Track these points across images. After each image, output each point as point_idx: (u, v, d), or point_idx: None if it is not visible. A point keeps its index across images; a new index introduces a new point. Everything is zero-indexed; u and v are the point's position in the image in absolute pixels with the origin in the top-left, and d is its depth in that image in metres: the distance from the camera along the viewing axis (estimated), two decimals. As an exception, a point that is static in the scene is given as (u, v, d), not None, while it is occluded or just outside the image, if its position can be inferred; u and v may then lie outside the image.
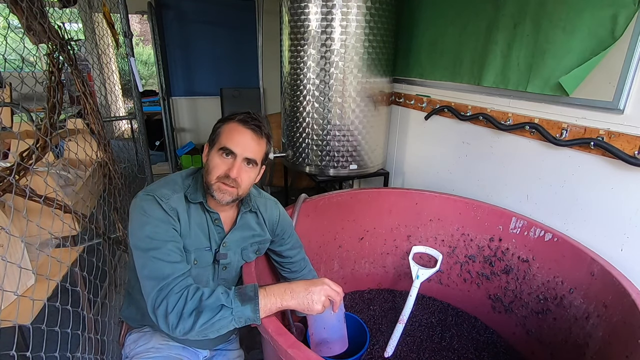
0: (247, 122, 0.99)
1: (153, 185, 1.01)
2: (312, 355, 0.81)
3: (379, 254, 1.91)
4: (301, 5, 1.86)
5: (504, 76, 1.55)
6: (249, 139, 0.99)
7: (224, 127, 1.01)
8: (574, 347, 1.29)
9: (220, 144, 0.98)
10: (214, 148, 1.00)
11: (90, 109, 1.58)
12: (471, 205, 1.68)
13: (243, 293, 0.88)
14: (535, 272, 1.48)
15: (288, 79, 2.08)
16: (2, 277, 0.97)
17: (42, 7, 1.22)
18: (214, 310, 0.83)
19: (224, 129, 1.00)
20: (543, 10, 1.36)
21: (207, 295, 0.85)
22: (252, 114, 1.02)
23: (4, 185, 1.02)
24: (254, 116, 1.02)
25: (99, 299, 1.60)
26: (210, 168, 0.99)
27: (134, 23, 9.73)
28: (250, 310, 0.86)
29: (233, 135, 0.98)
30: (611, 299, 1.16)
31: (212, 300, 0.84)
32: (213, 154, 1.00)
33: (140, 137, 2.50)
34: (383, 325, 1.74)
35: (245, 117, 1.00)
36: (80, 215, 1.35)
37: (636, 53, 1.12)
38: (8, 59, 1.02)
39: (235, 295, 0.87)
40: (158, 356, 1.04)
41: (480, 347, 1.62)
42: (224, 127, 1.00)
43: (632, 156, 1.15)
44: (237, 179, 0.98)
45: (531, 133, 1.49)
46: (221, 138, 0.99)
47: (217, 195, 0.98)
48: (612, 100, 1.19)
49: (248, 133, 0.99)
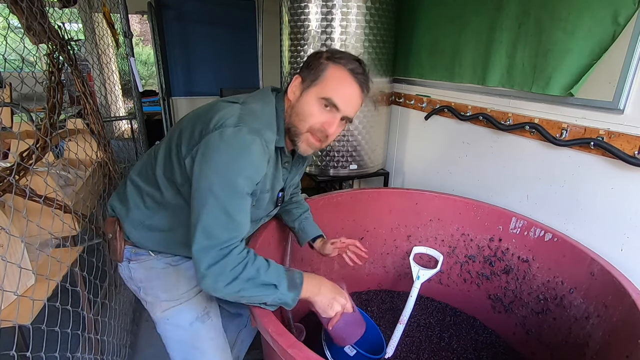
0: (358, 75, 0.86)
1: (247, 117, 0.82)
2: (312, 355, 0.81)
3: (379, 254, 1.91)
4: (301, 5, 1.86)
5: (510, 76, 1.55)
6: (357, 96, 0.87)
7: (331, 71, 0.86)
8: (574, 347, 1.29)
9: (324, 92, 0.85)
10: (313, 91, 0.86)
11: (90, 109, 1.58)
12: (471, 205, 1.68)
13: (292, 278, 0.84)
14: (535, 272, 1.48)
15: (288, 79, 2.08)
16: (2, 277, 0.96)
17: (42, 7, 1.22)
18: (265, 287, 0.80)
19: (331, 72, 0.86)
20: (545, 10, 1.36)
21: (265, 269, 0.80)
22: (361, 63, 0.88)
23: (4, 185, 1.02)
24: (363, 66, 0.88)
25: (99, 299, 1.60)
26: (304, 114, 0.86)
27: (134, 23, 9.73)
28: (291, 298, 0.83)
29: (341, 88, 0.85)
30: (611, 299, 1.16)
31: (268, 277, 0.80)
32: (311, 99, 0.86)
33: (140, 137, 2.50)
34: (382, 326, 1.74)
35: (357, 66, 0.86)
36: (80, 215, 1.35)
37: (636, 53, 1.12)
38: (8, 59, 1.01)
39: (285, 277, 0.82)
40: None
41: (480, 347, 1.62)
42: (332, 71, 0.86)
43: (632, 156, 1.15)
44: (330, 136, 0.87)
45: (531, 133, 1.49)
46: (326, 84, 0.85)
47: (302, 147, 0.88)
48: (612, 100, 1.19)
49: (357, 88, 0.86)
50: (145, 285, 1.04)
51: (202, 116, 0.86)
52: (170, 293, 1.04)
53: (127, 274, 1.06)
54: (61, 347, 1.05)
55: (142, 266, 1.03)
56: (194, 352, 1.06)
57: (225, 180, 0.76)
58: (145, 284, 1.04)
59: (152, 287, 1.04)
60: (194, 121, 0.86)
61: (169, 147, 0.91)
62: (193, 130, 0.83)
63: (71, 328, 1.11)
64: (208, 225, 0.76)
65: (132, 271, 1.04)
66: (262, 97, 0.92)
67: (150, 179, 0.96)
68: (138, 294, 1.08)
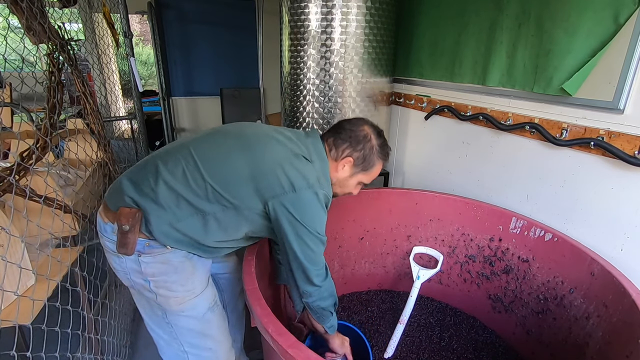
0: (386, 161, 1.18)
1: (322, 177, 1.07)
2: (312, 355, 0.81)
3: (379, 254, 1.91)
4: (301, 5, 1.86)
5: (510, 76, 1.55)
6: None
7: (377, 167, 1.15)
8: (574, 347, 1.29)
9: (366, 179, 1.16)
10: (359, 176, 1.14)
11: (90, 109, 1.58)
12: (471, 205, 1.68)
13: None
14: (535, 272, 1.48)
15: (288, 79, 2.08)
16: (2, 277, 0.97)
17: (42, 7, 1.22)
18: (330, 307, 1.15)
19: (377, 168, 1.15)
20: (546, 10, 1.36)
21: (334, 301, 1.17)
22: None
23: (4, 185, 1.02)
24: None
25: (99, 299, 1.60)
26: (346, 188, 1.17)
27: (134, 23, 9.73)
28: (331, 323, 1.17)
29: (375, 175, 1.16)
30: (611, 299, 1.16)
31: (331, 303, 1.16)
32: (355, 181, 1.15)
33: (140, 137, 2.51)
34: (382, 326, 1.74)
35: (389, 151, 1.18)
36: (80, 215, 1.36)
37: (636, 53, 1.12)
38: (8, 59, 1.01)
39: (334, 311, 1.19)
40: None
41: (480, 347, 1.62)
42: (378, 165, 1.15)
43: (632, 156, 1.15)
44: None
45: (531, 133, 1.49)
46: (370, 176, 1.15)
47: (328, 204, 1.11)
48: (612, 100, 1.19)
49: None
50: (158, 279, 1.02)
51: (282, 163, 1.01)
52: (186, 286, 1.05)
53: (133, 268, 1.01)
54: (61, 347, 1.05)
55: (157, 260, 1.01)
56: (204, 339, 1.14)
57: (314, 227, 1.02)
58: (159, 278, 1.02)
59: (166, 281, 1.03)
60: (273, 166, 1.00)
61: (235, 171, 0.99)
62: (278, 177, 0.99)
63: (71, 328, 1.11)
64: (313, 254, 1.03)
65: (143, 265, 1.00)
66: (319, 154, 1.10)
67: (195, 189, 0.97)
68: (145, 288, 1.04)
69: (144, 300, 1.10)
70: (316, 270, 1.06)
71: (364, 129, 1.13)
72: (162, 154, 1.04)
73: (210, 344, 1.16)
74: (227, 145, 1.04)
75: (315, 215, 1.01)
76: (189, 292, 1.06)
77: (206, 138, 1.07)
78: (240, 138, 1.06)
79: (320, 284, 1.08)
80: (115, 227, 0.97)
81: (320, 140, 1.13)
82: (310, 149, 1.09)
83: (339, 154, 1.11)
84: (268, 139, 1.06)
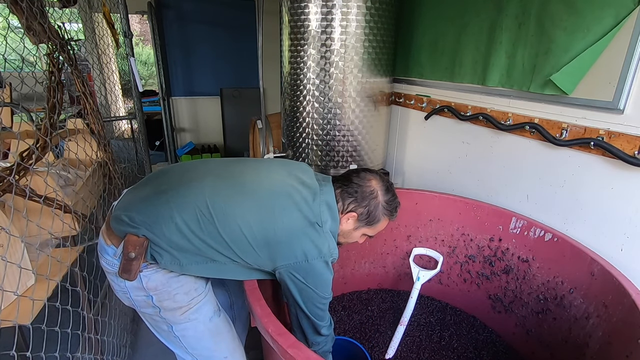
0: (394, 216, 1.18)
1: (332, 246, 1.07)
2: (312, 355, 0.81)
3: (378, 254, 1.91)
4: (301, 5, 1.86)
5: (509, 76, 1.55)
6: None
7: (383, 220, 1.15)
8: (574, 347, 1.29)
9: (371, 232, 1.17)
10: (364, 229, 1.15)
11: (90, 109, 1.58)
12: (471, 205, 1.68)
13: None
14: (535, 272, 1.48)
15: (288, 79, 2.08)
16: (2, 277, 0.96)
17: (42, 7, 1.22)
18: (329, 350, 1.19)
19: (382, 222, 1.15)
20: (546, 10, 1.36)
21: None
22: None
23: (4, 185, 1.02)
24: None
25: (99, 299, 1.60)
26: (350, 239, 1.19)
27: (134, 23, 9.73)
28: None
29: (380, 229, 1.18)
30: (611, 299, 1.16)
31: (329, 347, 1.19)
32: (359, 233, 1.16)
33: (140, 137, 2.51)
34: (382, 326, 1.74)
35: (398, 207, 1.17)
36: (80, 215, 1.35)
37: (636, 53, 1.12)
38: (8, 59, 1.01)
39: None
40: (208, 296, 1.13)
41: (480, 347, 1.62)
42: (383, 221, 1.15)
43: (632, 156, 1.15)
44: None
45: (531, 133, 1.49)
46: (375, 229, 1.16)
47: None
48: (612, 100, 1.19)
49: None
50: (161, 291, 1.02)
51: (298, 234, 1.02)
52: (189, 294, 1.06)
53: (133, 285, 1.00)
54: (61, 347, 1.05)
55: (158, 273, 1.01)
56: (218, 343, 1.15)
57: (322, 291, 1.06)
58: (162, 290, 1.02)
59: (169, 292, 1.03)
60: (289, 237, 1.01)
61: (251, 233, 0.99)
62: (293, 249, 1.01)
63: (71, 328, 1.11)
64: (319, 309, 1.08)
65: (144, 280, 1.00)
66: (332, 212, 1.10)
67: (209, 242, 0.98)
68: (147, 305, 1.03)
69: (147, 317, 1.10)
70: (324, 323, 1.10)
71: (371, 185, 1.12)
72: (177, 198, 0.99)
73: (225, 351, 1.16)
74: (246, 206, 1.00)
75: (324, 281, 1.05)
76: (193, 299, 1.07)
77: (223, 187, 1.03)
78: (257, 195, 1.02)
79: (328, 333, 1.13)
80: (118, 251, 0.97)
81: (333, 191, 1.12)
82: (324, 210, 1.07)
83: (344, 207, 1.11)
84: (284, 198, 1.03)
